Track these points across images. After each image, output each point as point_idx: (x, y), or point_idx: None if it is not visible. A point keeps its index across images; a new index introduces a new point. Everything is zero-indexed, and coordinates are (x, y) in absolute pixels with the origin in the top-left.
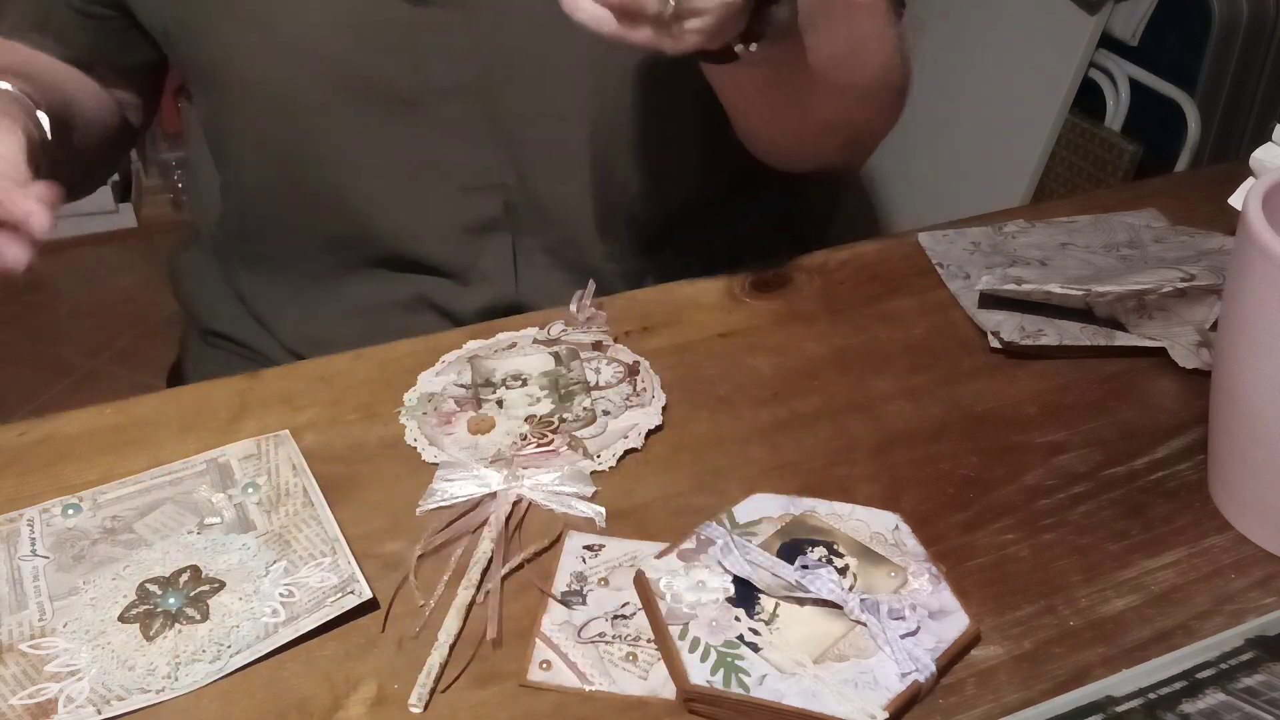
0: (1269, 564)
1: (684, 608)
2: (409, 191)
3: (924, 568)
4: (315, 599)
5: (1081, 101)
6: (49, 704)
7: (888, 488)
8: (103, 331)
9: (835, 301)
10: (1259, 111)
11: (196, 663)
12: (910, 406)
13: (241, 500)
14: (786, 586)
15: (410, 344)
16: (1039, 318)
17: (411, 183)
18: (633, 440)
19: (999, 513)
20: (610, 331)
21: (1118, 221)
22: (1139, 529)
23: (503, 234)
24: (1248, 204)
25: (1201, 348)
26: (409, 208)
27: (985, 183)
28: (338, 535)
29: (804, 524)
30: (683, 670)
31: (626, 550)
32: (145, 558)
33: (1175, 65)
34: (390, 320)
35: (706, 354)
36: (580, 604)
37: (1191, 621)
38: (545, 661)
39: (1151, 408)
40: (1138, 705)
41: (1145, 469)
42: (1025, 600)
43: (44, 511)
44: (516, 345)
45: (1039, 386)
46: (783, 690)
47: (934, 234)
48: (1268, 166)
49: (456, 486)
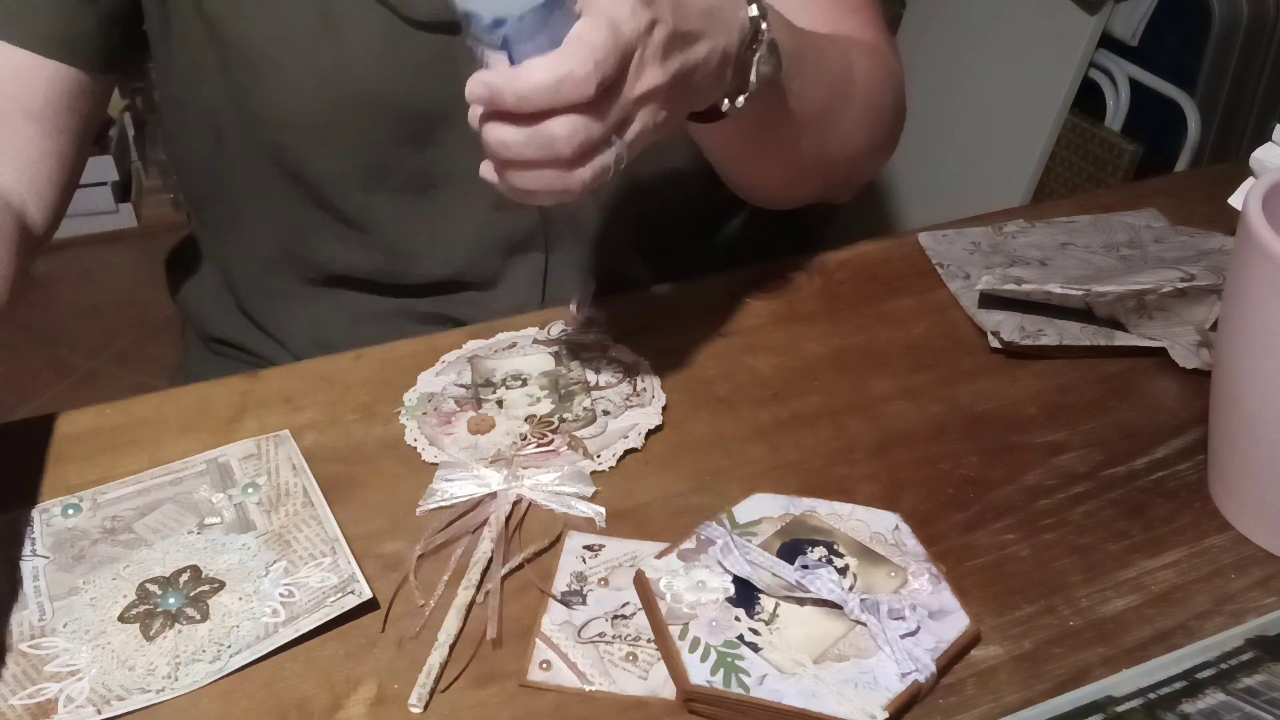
0: (1269, 564)
1: (684, 608)
2: (436, 210)
3: (924, 568)
4: (315, 599)
5: (1081, 101)
6: (49, 704)
7: (888, 488)
8: (103, 331)
9: (835, 301)
10: (1259, 111)
11: (196, 663)
12: (910, 406)
13: (241, 500)
14: (786, 586)
15: (410, 344)
16: (1039, 318)
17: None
18: (633, 440)
19: (999, 513)
20: (610, 331)
21: (1118, 221)
22: (1139, 529)
23: (535, 251)
24: (1248, 204)
25: (1201, 348)
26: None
27: (985, 183)
28: (338, 535)
29: (804, 524)
30: (683, 670)
31: (626, 550)
32: (145, 558)
33: (1175, 65)
34: (404, 331)
35: (706, 354)
36: (580, 604)
37: (1191, 621)
38: (545, 661)
39: (1151, 408)
40: (1138, 705)
41: (1145, 469)
42: (1025, 600)
43: (44, 511)
44: (516, 345)
45: (1039, 386)
46: (783, 690)
47: (934, 234)
48: (1268, 166)
49: (456, 486)
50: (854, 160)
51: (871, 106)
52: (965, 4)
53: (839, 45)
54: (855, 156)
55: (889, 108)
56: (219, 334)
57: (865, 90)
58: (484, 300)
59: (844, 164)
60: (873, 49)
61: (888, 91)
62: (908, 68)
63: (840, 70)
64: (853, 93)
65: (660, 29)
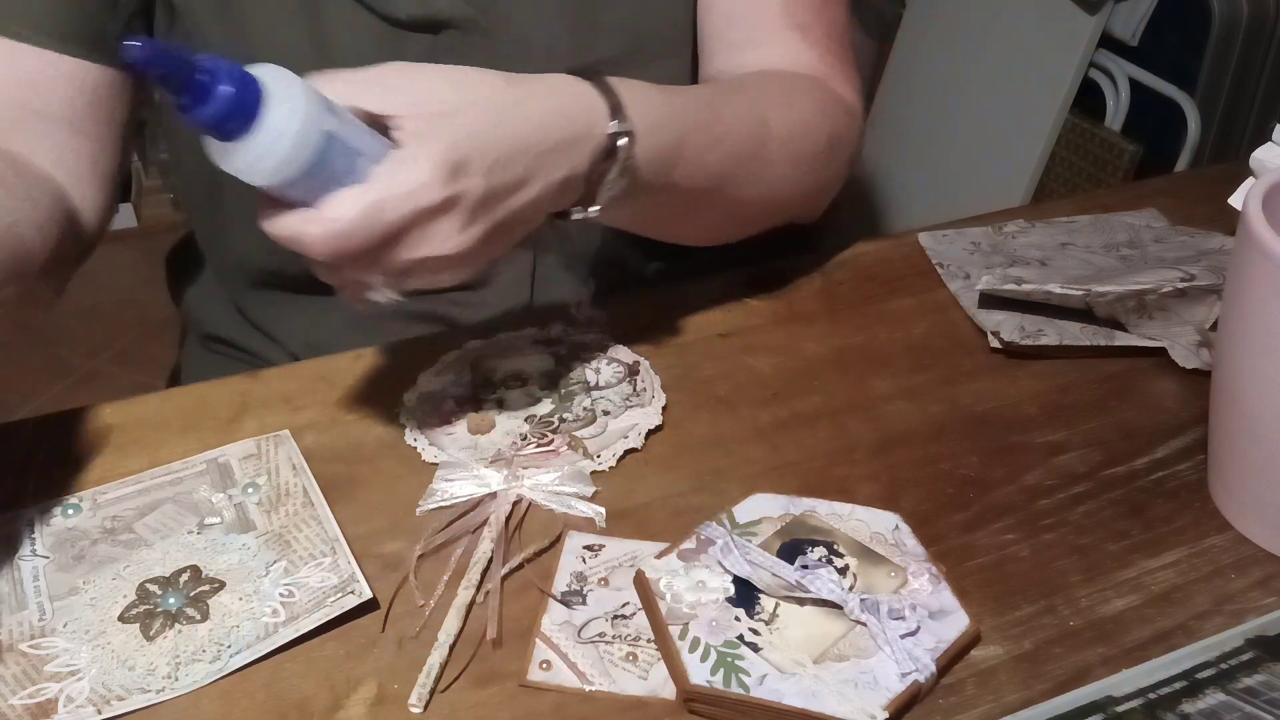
0: (1269, 564)
1: (684, 608)
2: None
3: (924, 568)
4: (315, 599)
5: (1081, 101)
6: (49, 704)
7: (888, 488)
8: (103, 331)
9: (835, 301)
10: (1259, 111)
11: (196, 663)
12: (910, 406)
13: (241, 500)
14: (786, 586)
15: (410, 344)
16: (1039, 318)
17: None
18: (633, 440)
19: (999, 513)
20: (610, 331)
21: (1118, 221)
22: (1139, 529)
23: (522, 249)
24: (1248, 204)
25: (1201, 348)
26: None
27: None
28: (338, 535)
29: (804, 524)
30: (683, 670)
31: (626, 550)
32: (145, 558)
33: (1175, 65)
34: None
35: (706, 354)
36: (580, 604)
37: (1191, 621)
38: (545, 661)
39: (1151, 408)
40: (1138, 705)
41: (1145, 469)
42: (1025, 600)
43: (44, 511)
44: (516, 345)
45: (1039, 386)
46: (783, 690)
47: (934, 234)
48: (1268, 166)
49: (456, 486)
50: (785, 207)
51: (796, 157)
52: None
53: (750, 100)
54: (786, 204)
55: (821, 152)
56: (216, 333)
57: (785, 144)
58: (472, 300)
59: (775, 210)
60: (809, 85)
61: (821, 134)
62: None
63: (749, 132)
64: (765, 152)
65: (466, 200)
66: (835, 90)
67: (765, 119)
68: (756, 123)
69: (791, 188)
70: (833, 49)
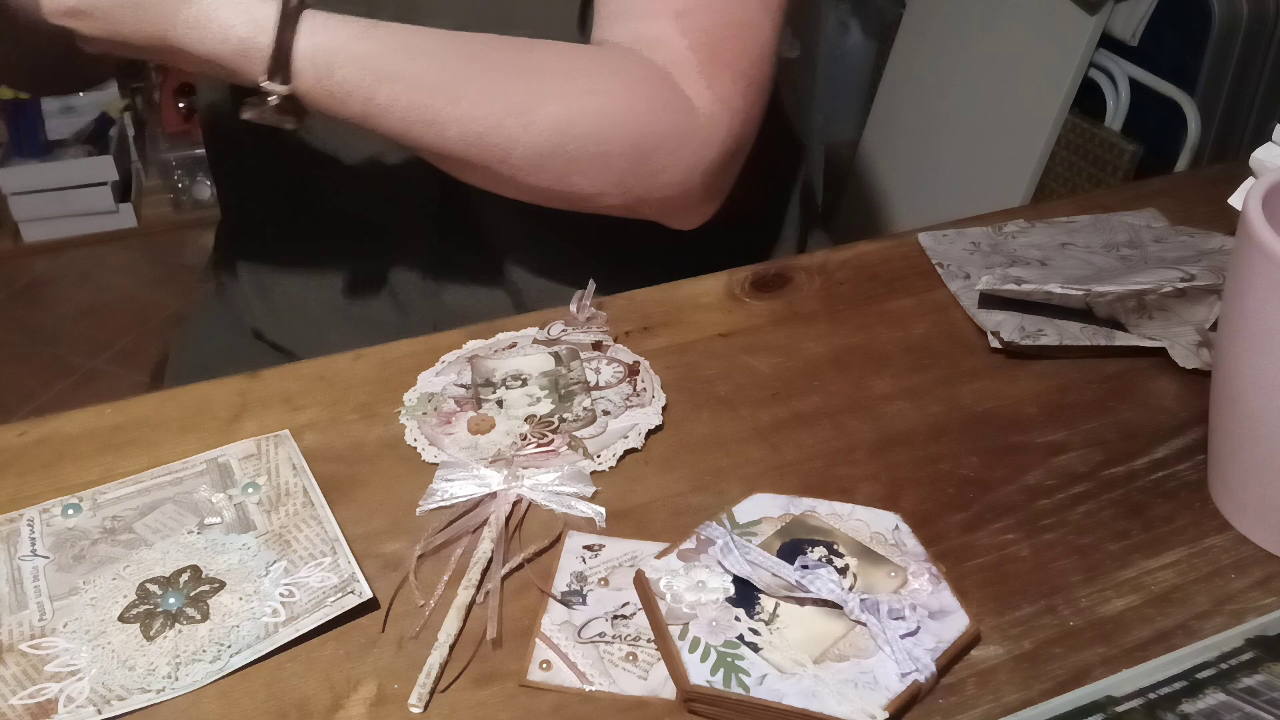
0: (1269, 564)
1: (684, 608)
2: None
3: (924, 568)
4: (315, 599)
5: (1081, 101)
6: (49, 704)
7: (888, 488)
8: (103, 331)
9: (835, 301)
10: (1259, 111)
11: (196, 663)
12: (910, 406)
13: (241, 500)
14: (786, 586)
15: (410, 344)
16: (1039, 318)
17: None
18: (633, 440)
19: (999, 513)
20: (610, 331)
21: (1118, 221)
22: (1139, 529)
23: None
24: (1248, 204)
25: (1201, 348)
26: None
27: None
28: (338, 535)
29: (804, 524)
30: (683, 670)
31: (626, 550)
32: (145, 558)
33: (1175, 65)
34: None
35: (706, 354)
36: (580, 604)
37: (1191, 621)
38: (545, 661)
39: (1151, 408)
40: (1138, 705)
41: (1145, 469)
42: (1025, 600)
43: (44, 511)
44: (516, 345)
45: (1039, 386)
46: (783, 690)
47: (934, 234)
48: (1268, 166)
49: (456, 486)
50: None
51: (565, 140)
52: (965, 4)
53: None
54: (615, 201)
55: (615, 141)
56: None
57: (553, 121)
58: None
59: (596, 199)
60: (640, 73)
61: (626, 125)
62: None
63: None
64: (507, 124)
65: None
66: (682, 86)
67: (523, 84)
68: (500, 86)
69: (616, 179)
70: (711, 44)
